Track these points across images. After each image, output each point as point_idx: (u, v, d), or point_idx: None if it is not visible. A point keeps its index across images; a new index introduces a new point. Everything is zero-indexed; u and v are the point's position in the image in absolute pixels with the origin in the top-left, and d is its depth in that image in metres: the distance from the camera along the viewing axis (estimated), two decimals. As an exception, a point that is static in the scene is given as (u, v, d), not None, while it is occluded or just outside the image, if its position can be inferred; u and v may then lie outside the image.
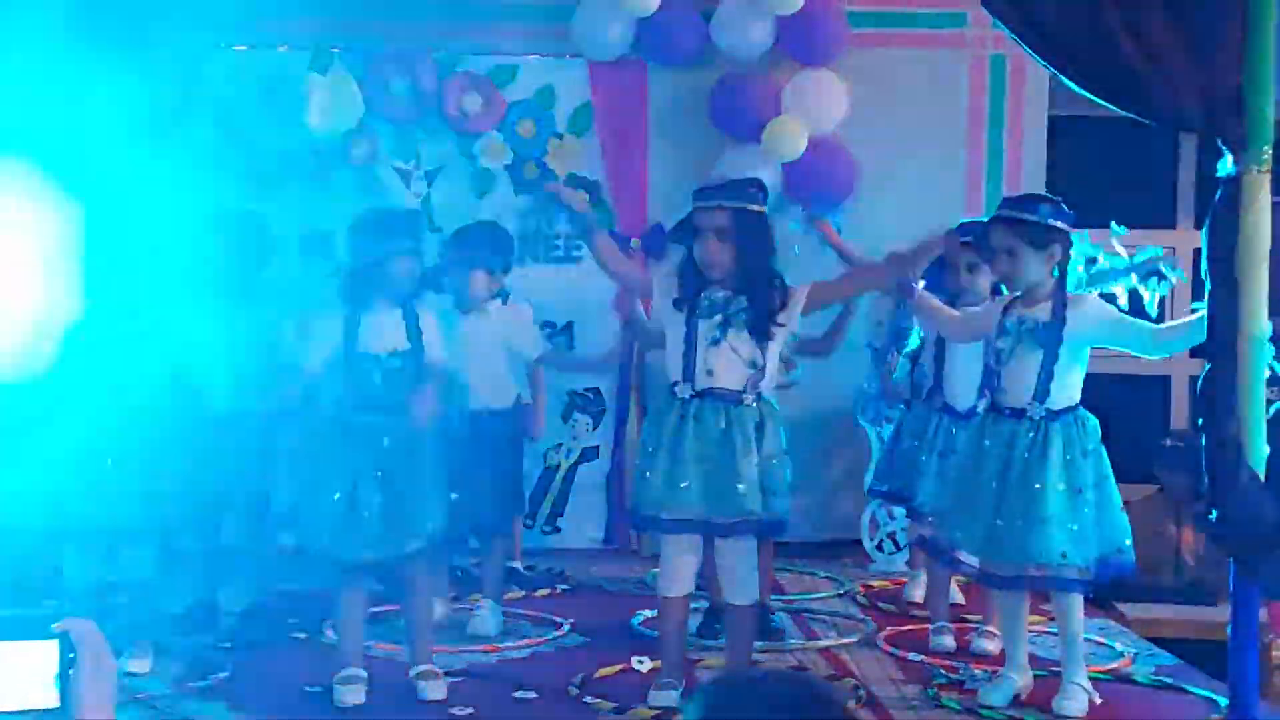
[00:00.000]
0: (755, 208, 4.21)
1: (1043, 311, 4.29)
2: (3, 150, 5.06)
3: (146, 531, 4.52)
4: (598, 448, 6.79)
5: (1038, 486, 4.19)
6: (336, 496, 4.24)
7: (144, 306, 4.62)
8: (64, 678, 1.84)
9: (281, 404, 4.64)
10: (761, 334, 4.15)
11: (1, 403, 5.26)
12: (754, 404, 4.16)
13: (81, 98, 5.92)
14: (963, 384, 4.92)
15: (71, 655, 1.84)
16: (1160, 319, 4.42)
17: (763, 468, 4.14)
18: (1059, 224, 4.29)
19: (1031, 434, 4.23)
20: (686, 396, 4.17)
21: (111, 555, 4.66)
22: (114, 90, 5.86)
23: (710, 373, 4.15)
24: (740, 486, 4.10)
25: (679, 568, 4.27)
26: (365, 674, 4.36)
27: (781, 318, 4.18)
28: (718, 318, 4.16)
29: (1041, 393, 4.24)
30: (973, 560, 4.32)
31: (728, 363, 4.15)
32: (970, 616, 5.27)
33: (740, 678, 1.47)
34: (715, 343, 4.14)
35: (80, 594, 4.57)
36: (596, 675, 4.57)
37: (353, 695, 4.27)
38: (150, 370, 4.56)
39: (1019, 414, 4.26)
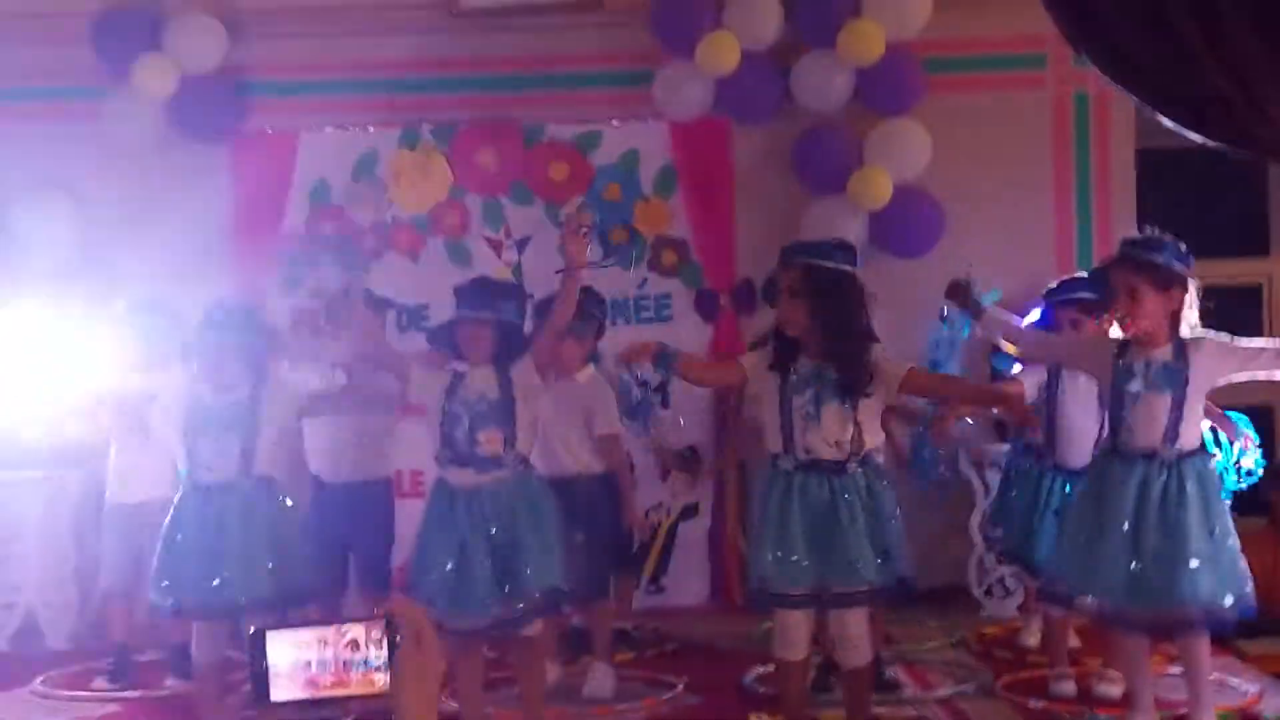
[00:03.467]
0: (830, 265, 4.20)
1: (1165, 354, 4.26)
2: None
3: (269, 607, 4.57)
4: (697, 505, 6.80)
5: (1180, 530, 4.14)
6: (449, 567, 4.28)
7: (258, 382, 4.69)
8: (391, 660, 1.83)
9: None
10: (852, 400, 4.15)
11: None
12: (857, 470, 4.16)
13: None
14: (1077, 442, 4.83)
15: (397, 638, 1.83)
16: None
17: (877, 532, 4.14)
18: (1180, 268, 4.26)
19: (1165, 476, 4.18)
20: (790, 469, 4.18)
21: (236, 631, 4.71)
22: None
23: (810, 448, 4.16)
24: (853, 556, 4.10)
25: (796, 633, 4.27)
26: (488, 741, 4.39)
27: (870, 388, 4.16)
28: (809, 392, 4.16)
29: (1172, 434, 4.21)
30: (1102, 605, 4.27)
31: (825, 436, 4.15)
32: (1089, 660, 5.20)
33: None
34: (810, 417, 4.15)
35: (207, 671, 4.62)
36: (716, 735, 4.57)
37: (478, 763, 4.31)
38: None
39: (1149, 456, 4.22)
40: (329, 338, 5.26)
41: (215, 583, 4.48)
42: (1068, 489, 4.79)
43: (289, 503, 4.65)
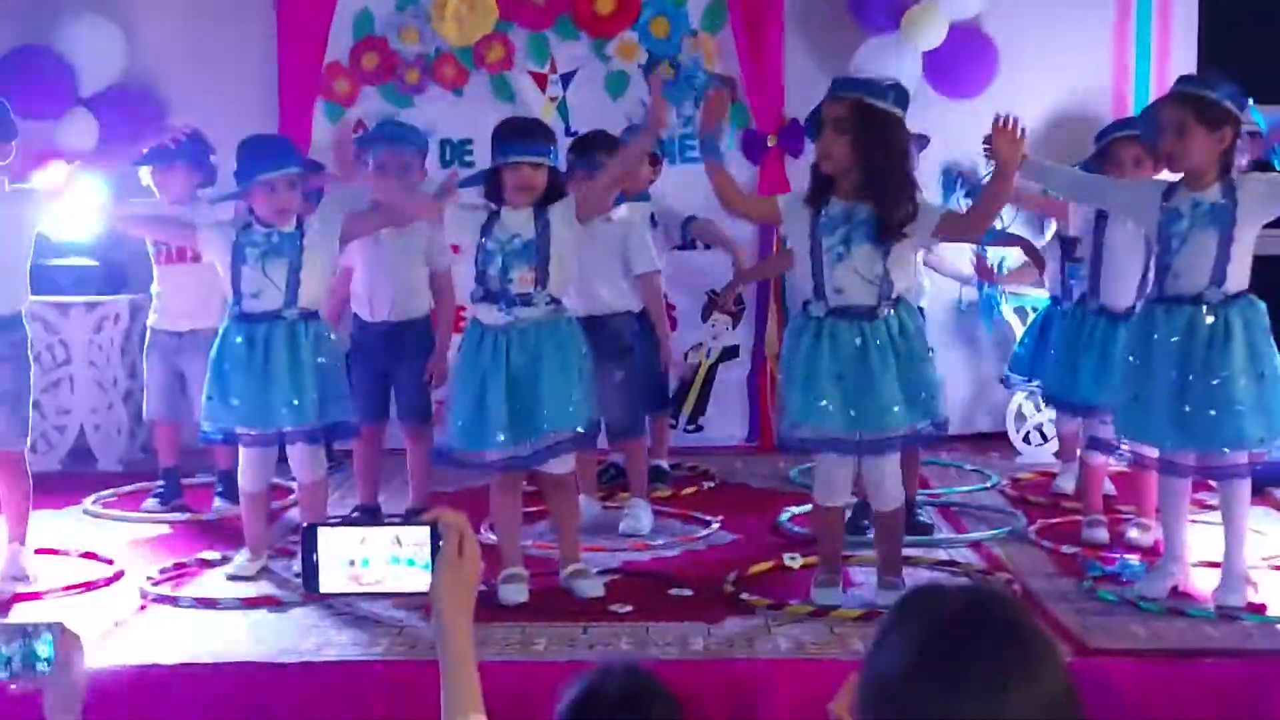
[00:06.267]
0: (880, 104, 4.09)
1: (1212, 194, 4.16)
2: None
3: (313, 437, 4.63)
4: (738, 347, 6.82)
5: (1225, 373, 4.07)
6: (468, 401, 4.32)
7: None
8: (434, 562, 2.02)
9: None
10: (885, 243, 4.10)
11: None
12: (889, 313, 4.14)
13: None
14: (1122, 284, 4.81)
15: (439, 543, 2.01)
16: None
17: (910, 375, 4.13)
18: (1233, 106, 4.14)
19: (1211, 319, 4.11)
20: (820, 315, 4.16)
21: (282, 457, 4.77)
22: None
23: (839, 290, 4.13)
24: (883, 404, 4.09)
25: (836, 479, 4.30)
26: (526, 573, 4.45)
27: (908, 229, 4.11)
28: (840, 232, 4.11)
29: (1219, 276, 4.12)
30: (1153, 452, 4.27)
31: (855, 279, 4.11)
32: (1123, 508, 5.23)
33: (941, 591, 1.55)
34: (840, 259, 4.11)
35: (253, 497, 4.69)
36: (750, 573, 4.62)
37: (516, 594, 4.36)
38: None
39: (1196, 300, 4.16)
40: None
41: (262, 411, 4.53)
42: (1111, 330, 4.79)
43: (332, 336, 4.69)
